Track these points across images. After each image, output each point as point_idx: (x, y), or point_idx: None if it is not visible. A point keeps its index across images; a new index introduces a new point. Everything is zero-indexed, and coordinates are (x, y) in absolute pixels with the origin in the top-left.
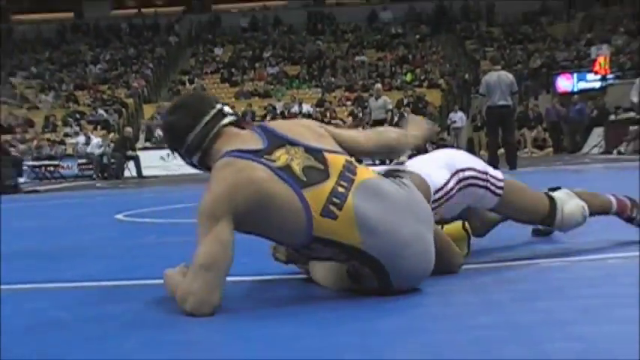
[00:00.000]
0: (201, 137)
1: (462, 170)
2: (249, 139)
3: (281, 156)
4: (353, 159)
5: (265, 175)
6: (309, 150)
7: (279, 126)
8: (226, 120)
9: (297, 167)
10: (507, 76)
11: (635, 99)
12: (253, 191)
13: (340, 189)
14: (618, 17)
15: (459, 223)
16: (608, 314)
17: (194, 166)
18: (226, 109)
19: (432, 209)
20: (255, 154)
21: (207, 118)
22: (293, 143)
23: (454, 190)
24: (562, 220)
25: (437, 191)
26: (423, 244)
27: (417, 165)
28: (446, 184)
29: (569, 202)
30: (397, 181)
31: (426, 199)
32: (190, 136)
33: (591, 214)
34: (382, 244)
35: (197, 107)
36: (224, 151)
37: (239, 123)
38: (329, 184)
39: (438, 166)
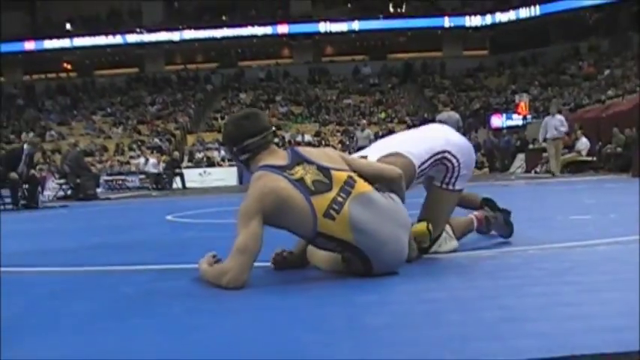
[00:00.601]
0: (257, 145)
1: (439, 152)
2: (280, 157)
3: (298, 171)
4: (355, 174)
5: (285, 185)
6: (320, 168)
7: (305, 150)
8: (273, 139)
9: (308, 180)
10: (455, 115)
11: (540, 137)
12: (275, 197)
13: (339, 198)
14: (534, 74)
15: (424, 224)
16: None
17: (239, 161)
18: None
19: (417, 177)
20: (280, 169)
21: (266, 133)
22: (309, 162)
23: (428, 168)
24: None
25: (419, 166)
26: (399, 243)
27: (408, 143)
28: (424, 162)
29: (445, 245)
30: (386, 195)
31: (411, 177)
32: (249, 140)
33: (459, 237)
34: (369, 241)
35: (263, 122)
36: (261, 164)
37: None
38: (331, 194)
39: (423, 149)
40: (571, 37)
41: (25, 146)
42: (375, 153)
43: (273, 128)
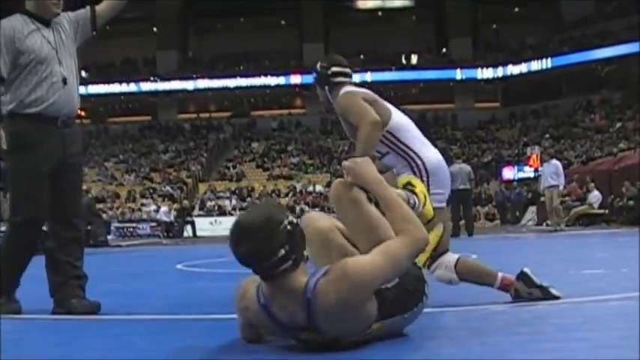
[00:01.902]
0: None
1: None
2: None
3: None
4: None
5: None
6: None
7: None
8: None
9: None
10: (467, 167)
11: (540, 187)
12: None
13: None
14: (545, 127)
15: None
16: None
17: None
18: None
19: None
20: None
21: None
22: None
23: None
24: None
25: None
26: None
27: None
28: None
29: (443, 271)
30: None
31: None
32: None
33: (470, 281)
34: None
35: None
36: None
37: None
38: None
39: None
40: (583, 89)
41: None
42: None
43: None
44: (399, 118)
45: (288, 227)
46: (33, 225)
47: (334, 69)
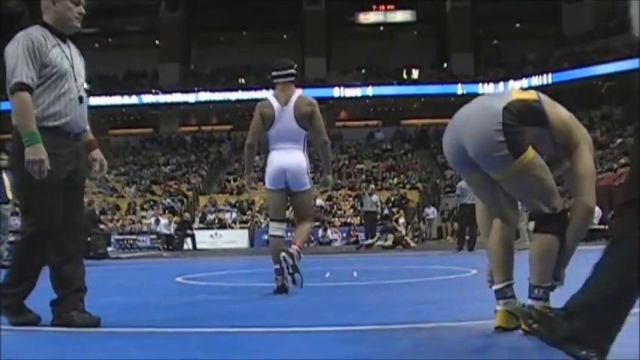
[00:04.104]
0: None
1: None
2: None
3: None
4: None
5: None
6: None
7: None
8: None
9: None
10: None
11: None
12: None
13: None
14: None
15: None
16: None
17: None
18: None
19: None
20: None
21: None
22: None
23: None
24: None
25: None
26: None
27: None
28: None
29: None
30: None
31: None
32: None
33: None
34: None
35: None
36: None
37: None
38: None
39: None
40: (583, 105)
41: None
42: None
43: None
44: None
45: None
46: (48, 236)
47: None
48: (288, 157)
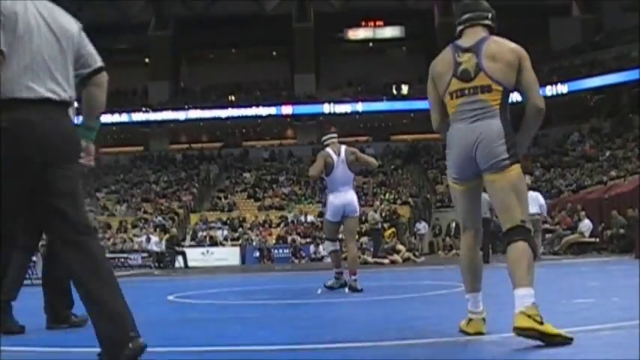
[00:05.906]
0: None
1: None
2: None
3: None
4: None
5: None
6: None
7: None
8: None
9: None
10: (486, 197)
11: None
12: None
13: None
14: (536, 156)
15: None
16: None
17: None
18: None
19: None
20: None
21: None
22: None
23: None
24: None
25: None
26: None
27: None
28: None
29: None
30: None
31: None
32: None
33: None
34: None
35: None
36: None
37: None
38: None
39: None
40: (573, 118)
41: None
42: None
43: None
44: None
45: None
46: None
47: None
48: (346, 197)
